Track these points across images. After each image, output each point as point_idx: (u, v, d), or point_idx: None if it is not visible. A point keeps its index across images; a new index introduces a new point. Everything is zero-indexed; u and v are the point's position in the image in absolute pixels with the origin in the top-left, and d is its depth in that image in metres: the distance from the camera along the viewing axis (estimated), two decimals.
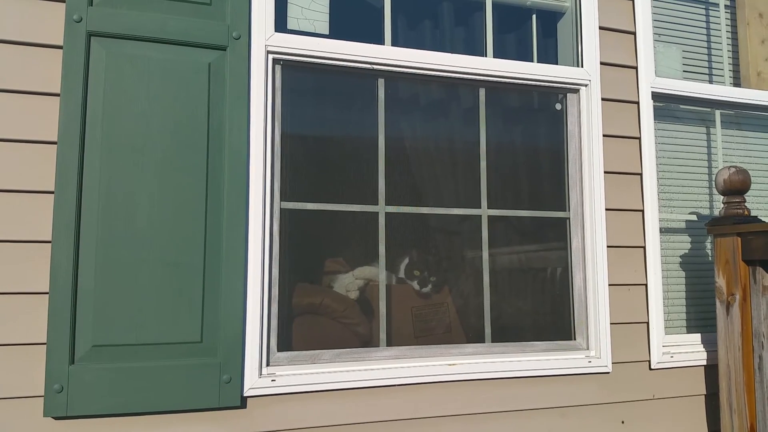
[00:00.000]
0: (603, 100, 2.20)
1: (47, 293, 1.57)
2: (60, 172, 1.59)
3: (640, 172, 2.23)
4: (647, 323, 2.17)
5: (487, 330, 2.08)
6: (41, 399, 1.56)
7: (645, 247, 2.20)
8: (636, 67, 2.28)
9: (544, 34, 2.36)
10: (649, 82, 2.28)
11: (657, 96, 2.32)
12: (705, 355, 2.23)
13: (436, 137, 2.20)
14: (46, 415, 1.54)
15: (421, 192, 2.14)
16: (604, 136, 2.18)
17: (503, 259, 2.17)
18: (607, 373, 2.09)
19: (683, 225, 2.42)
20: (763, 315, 1.96)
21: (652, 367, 2.15)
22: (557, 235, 2.21)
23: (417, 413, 1.88)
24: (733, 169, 2.06)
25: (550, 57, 2.35)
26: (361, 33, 2.03)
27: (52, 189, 1.61)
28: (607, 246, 2.14)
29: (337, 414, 1.80)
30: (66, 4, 1.65)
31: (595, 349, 2.10)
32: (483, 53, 2.18)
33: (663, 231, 2.35)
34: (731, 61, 2.63)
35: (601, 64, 2.22)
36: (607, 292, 2.11)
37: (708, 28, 2.62)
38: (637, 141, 2.24)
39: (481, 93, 2.16)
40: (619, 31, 2.28)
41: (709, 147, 2.51)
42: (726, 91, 2.46)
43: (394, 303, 2.03)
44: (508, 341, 2.08)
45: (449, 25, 2.34)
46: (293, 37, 1.89)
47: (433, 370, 1.90)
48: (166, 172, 1.68)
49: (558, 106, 2.25)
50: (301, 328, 1.93)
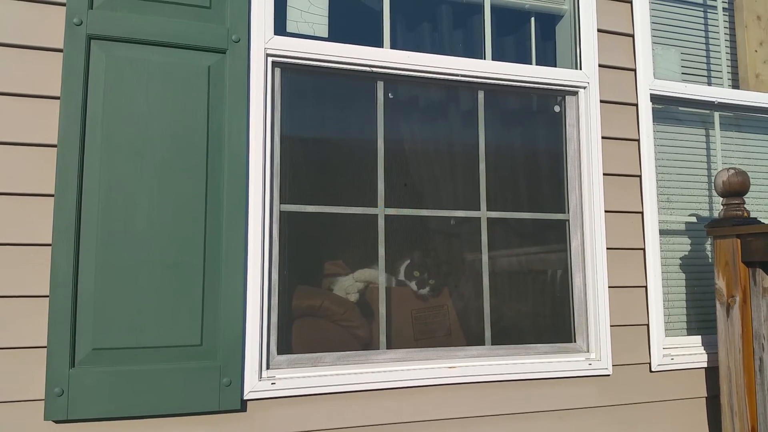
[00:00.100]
0: (602, 102, 2.21)
1: (47, 296, 1.57)
2: (60, 175, 1.60)
3: (640, 173, 2.24)
4: (647, 325, 2.17)
5: (487, 332, 2.07)
6: (42, 402, 1.55)
7: (645, 249, 2.20)
8: (634, 70, 2.29)
9: (542, 36, 2.37)
10: (647, 84, 2.28)
11: (656, 98, 2.32)
12: (705, 357, 2.23)
13: (436, 140, 2.21)
14: (47, 418, 1.53)
15: (421, 194, 2.14)
16: (602, 138, 2.19)
17: (503, 261, 2.17)
18: (608, 375, 2.09)
19: (683, 227, 2.42)
20: (764, 317, 1.96)
21: (653, 369, 2.15)
22: (557, 237, 2.21)
23: (417, 416, 1.88)
24: (732, 171, 2.07)
25: (548, 59, 2.35)
26: (360, 36, 2.03)
27: (52, 192, 1.61)
28: (607, 248, 2.14)
29: (338, 417, 1.80)
30: (66, 8, 1.65)
31: (596, 351, 2.10)
32: (482, 56, 2.18)
33: (662, 233, 2.35)
34: (729, 64, 2.64)
35: (600, 66, 2.23)
36: (607, 294, 2.11)
37: (706, 31, 2.63)
38: (636, 143, 2.25)
39: (480, 95, 2.16)
40: (617, 34, 2.29)
41: (708, 149, 2.52)
42: (724, 93, 2.46)
43: (394, 305, 2.03)
44: (508, 344, 2.08)
45: (448, 27, 2.35)
46: (292, 40, 1.90)
47: (434, 372, 1.90)
48: (166, 175, 1.69)
49: (557, 109, 2.25)
50: (301, 331, 1.93)
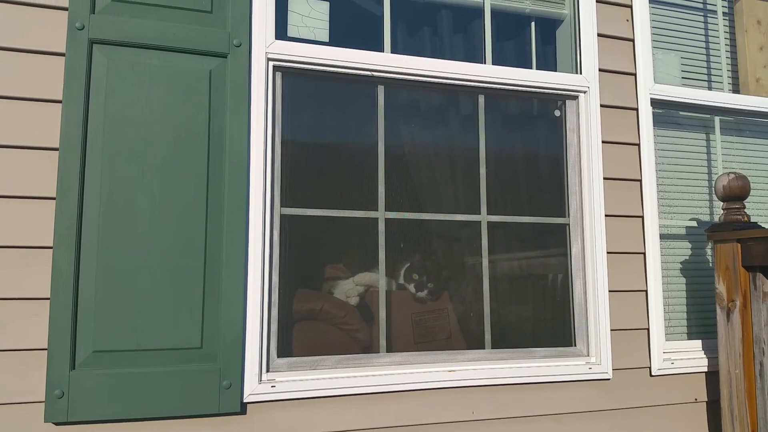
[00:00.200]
0: (602, 106, 2.21)
1: (48, 299, 1.58)
2: (61, 178, 1.61)
3: (640, 178, 2.24)
4: (648, 329, 2.17)
5: (487, 336, 2.08)
6: (42, 404, 1.56)
7: (645, 253, 2.20)
8: (635, 74, 2.29)
9: (543, 41, 2.38)
10: (647, 88, 2.29)
11: (656, 102, 2.33)
12: (706, 361, 2.22)
13: (436, 144, 2.21)
14: (47, 420, 1.54)
15: (421, 198, 2.14)
16: (603, 142, 2.19)
17: (503, 265, 2.18)
18: (608, 379, 2.09)
19: (683, 231, 2.42)
20: (764, 321, 1.95)
21: (653, 373, 2.14)
22: (557, 241, 2.21)
23: (417, 419, 1.88)
24: (732, 175, 2.07)
25: (549, 64, 2.36)
26: (360, 40, 2.04)
27: (54, 195, 1.62)
28: (607, 252, 2.14)
29: (337, 420, 1.80)
30: (68, 12, 1.66)
31: (596, 355, 2.10)
32: (482, 60, 2.19)
33: (663, 237, 2.35)
34: (730, 68, 2.64)
35: (600, 70, 2.23)
36: (607, 298, 2.11)
37: (706, 35, 2.63)
38: (636, 147, 2.25)
39: (481, 100, 2.17)
40: (617, 38, 2.29)
41: (708, 153, 2.52)
42: (725, 98, 2.46)
43: (395, 309, 2.04)
44: (508, 347, 2.08)
45: (448, 32, 2.36)
46: (293, 44, 1.91)
47: (434, 376, 1.90)
48: (167, 178, 1.69)
49: (557, 113, 2.26)
50: (301, 334, 1.93)
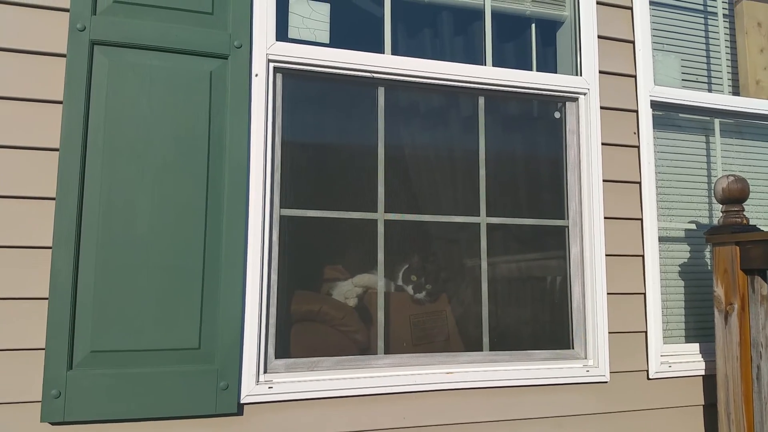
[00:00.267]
0: (602, 108, 2.21)
1: (47, 298, 1.58)
2: (61, 179, 1.61)
3: (639, 180, 2.24)
4: (645, 332, 2.17)
5: (485, 338, 2.08)
6: (39, 404, 1.56)
7: (644, 256, 2.20)
8: (635, 76, 2.29)
9: (543, 42, 2.38)
10: (648, 90, 2.28)
11: (656, 104, 2.33)
12: (703, 365, 2.23)
13: (436, 145, 2.21)
14: (44, 420, 1.54)
15: (421, 200, 2.14)
16: (602, 144, 2.19)
17: (502, 267, 2.18)
18: (605, 382, 2.09)
19: (682, 234, 2.42)
20: (762, 324, 1.95)
21: (650, 376, 2.15)
22: (556, 243, 2.21)
23: (415, 421, 1.88)
24: (731, 178, 2.07)
25: (549, 65, 2.36)
26: (361, 42, 2.04)
27: (54, 195, 1.62)
28: (606, 254, 2.14)
29: (334, 421, 1.80)
30: (70, 13, 1.67)
31: (593, 358, 2.10)
32: (482, 62, 2.19)
33: (662, 240, 2.35)
34: (730, 70, 2.64)
35: (600, 72, 2.23)
36: (606, 301, 2.11)
37: (707, 37, 2.63)
38: (636, 149, 2.25)
39: (481, 101, 2.17)
40: (617, 40, 2.29)
41: (708, 156, 2.52)
42: (725, 100, 2.46)
43: (393, 311, 2.04)
44: (506, 350, 2.08)
45: (449, 34, 2.36)
46: (294, 46, 1.91)
47: (431, 378, 1.91)
48: (167, 179, 1.70)
49: (557, 115, 2.26)
50: (299, 336, 1.93)
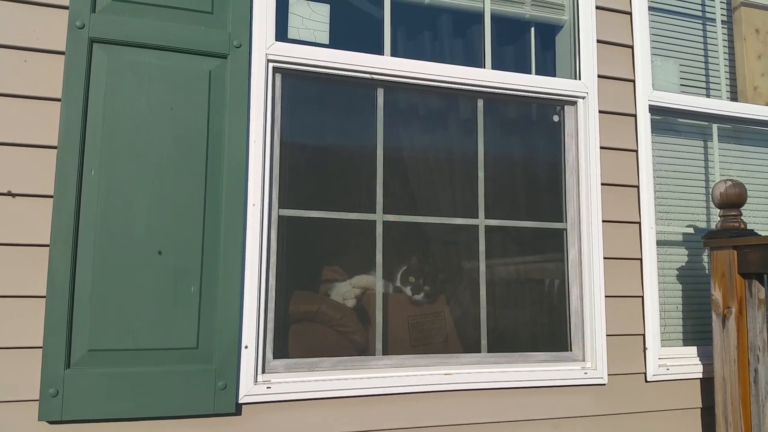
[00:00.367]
0: (600, 112, 2.22)
1: (44, 297, 1.58)
2: (59, 177, 1.60)
3: (637, 184, 2.24)
4: (643, 335, 2.17)
5: (484, 340, 2.08)
6: (36, 403, 1.55)
7: (642, 259, 2.21)
8: (633, 81, 2.30)
9: (542, 46, 2.39)
10: (646, 95, 2.29)
11: (654, 109, 2.34)
12: (701, 368, 2.23)
13: (435, 147, 2.22)
14: (41, 419, 1.54)
15: (419, 201, 2.15)
16: (601, 148, 2.19)
17: (500, 269, 2.18)
18: (603, 384, 2.09)
19: (680, 237, 2.43)
20: (759, 328, 1.96)
21: (648, 379, 2.15)
22: (554, 246, 2.21)
23: (413, 422, 1.87)
24: (729, 183, 2.07)
25: (548, 69, 2.36)
26: (361, 43, 2.05)
27: (52, 193, 1.62)
28: (604, 257, 2.15)
29: (332, 422, 1.80)
30: (69, 11, 1.67)
31: (591, 360, 2.10)
32: (482, 65, 2.20)
33: (660, 243, 2.35)
34: (728, 76, 2.65)
35: (599, 76, 2.24)
36: (604, 304, 2.11)
37: (705, 43, 2.64)
38: (635, 153, 2.26)
39: (480, 104, 2.18)
40: (616, 45, 2.30)
41: (706, 160, 2.53)
42: (723, 105, 2.47)
43: (391, 312, 2.04)
44: (505, 351, 2.08)
45: (448, 36, 2.37)
46: (294, 46, 1.91)
47: (430, 379, 1.90)
48: (166, 178, 1.69)
49: (555, 118, 2.26)
50: (298, 336, 1.93)
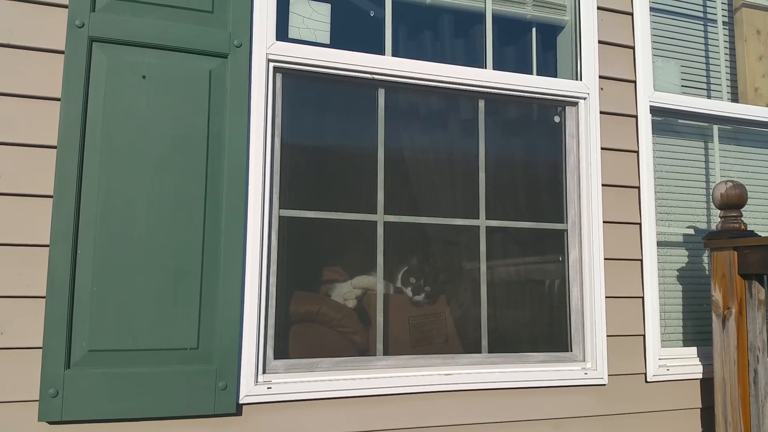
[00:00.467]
0: (601, 113, 2.21)
1: (44, 297, 1.57)
2: (59, 177, 1.60)
3: (638, 185, 2.24)
4: (644, 336, 2.17)
5: (484, 341, 2.07)
6: (36, 403, 1.55)
7: (642, 260, 2.21)
8: (634, 81, 2.30)
9: (543, 47, 2.38)
10: (647, 96, 2.29)
11: (655, 110, 2.33)
12: (701, 368, 2.23)
13: (436, 148, 2.21)
14: (41, 419, 1.53)
15: (420, 202, 2.14)
16: (602, 149, 2.19)
17: (501, 270, 2.18)
18: (603, 385, 2.09)
19: (680, 238, 2.43)
20: (759, 329, 1.96)
21: (648, 379, 2.15)
22: (555, 246, 2.21)
23: (413, 423, 1.87)
24: (730, 184, 2.07)
25: (549, 70, 2.36)
26: (361, 43, 2.04)
27: (51, 193, 1.61)
28: (605, 258, 2.15)
29: (333, 422, 1.79)
30: (68, 10, 1.66)
31: (592, 361, 2.10)
32: (483, 65, 2.19)
33: (660, 244, 2.35)
34: (729, 77, 2.65)
35: (600, 77, 2.24)
36: (604, 305, 2.12)
37: (706, 44, 2.64)
38: (635, 154, 2.26)
39: (481, 104, 2.17)
40: (618, 45, 2.30)
41: (706, 161, 2.53)
42: (723, 107, 2.47)
43: (392, 312, 2.03)
44: (505, 352, 2.08)
45: (449, 36, 2.36)
46: (294, 46, 1.91)
47: (430, 380, 1.90)
48: (166, 178, 1.69)
49: (557, 119, 2.26)
50: (298, 336, 1.93)
